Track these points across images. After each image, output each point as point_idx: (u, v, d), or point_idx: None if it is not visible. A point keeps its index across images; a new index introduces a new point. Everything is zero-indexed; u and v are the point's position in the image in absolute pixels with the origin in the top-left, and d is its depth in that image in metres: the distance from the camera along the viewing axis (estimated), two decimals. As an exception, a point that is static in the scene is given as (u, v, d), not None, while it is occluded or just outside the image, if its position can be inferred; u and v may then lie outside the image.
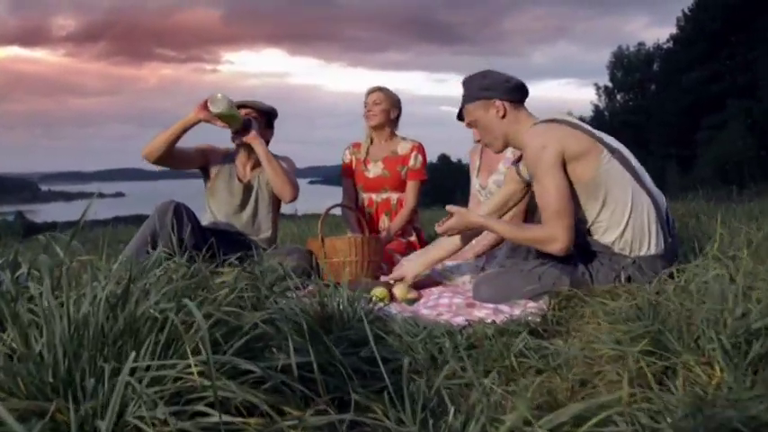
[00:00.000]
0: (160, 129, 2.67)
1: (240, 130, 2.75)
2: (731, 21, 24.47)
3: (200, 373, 0.85)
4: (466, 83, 2.16)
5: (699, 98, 24.59)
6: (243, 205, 2.88)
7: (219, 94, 2.59)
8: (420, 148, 3.25)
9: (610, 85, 36.74)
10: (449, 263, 2.67)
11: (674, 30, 31.11)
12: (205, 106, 2.60)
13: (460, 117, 2.23)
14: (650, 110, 29.50)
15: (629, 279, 1.96)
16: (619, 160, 1.97)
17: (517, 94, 2.10)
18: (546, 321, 1.78)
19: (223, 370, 0.91)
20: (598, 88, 37.83)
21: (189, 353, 0.87)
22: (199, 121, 2.63)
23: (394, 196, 3.27)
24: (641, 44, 36.32)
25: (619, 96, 36.58)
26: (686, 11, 29.69)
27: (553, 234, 1.92)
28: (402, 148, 3.26)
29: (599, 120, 33.78)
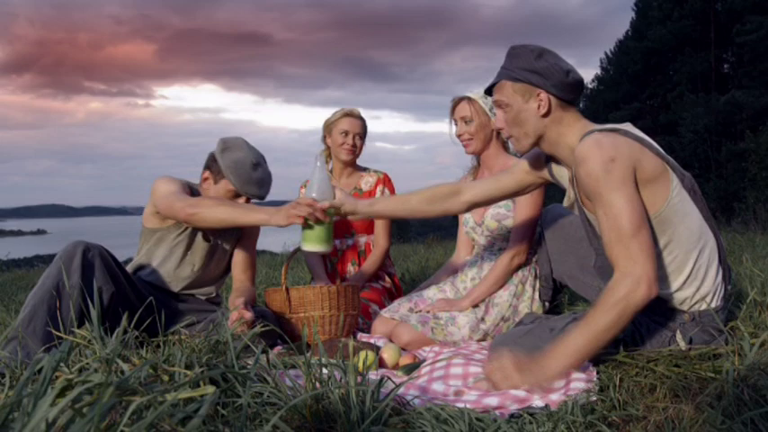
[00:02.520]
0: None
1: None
2: (650, 64, 26.00)
3: None
4: (512, 54, 1.64)
5: (624, 135, 25.76)
6: (203, 268, 2.21)
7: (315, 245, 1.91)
8: (386, 181, 2.79)
9: (539, 122, 38.05)
10: (441, 314, 2.21)
11: (598, 71, 32.77)
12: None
13: (489, 91, 1.73)
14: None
15: (690, 341, 1.55)
16: (688, 190, 1.56)
17: (571, 93, 1.63)
18: (609, 400, 1.34)
19: None
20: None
21: None
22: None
23: (362, 240, 2.79)
24: (567, 84, 38.18)
25: (548, 133, 37.92)
26: (608, 53, 31.45)
27: (631, 271, 1.41)
28: (366, 183, 2.78)
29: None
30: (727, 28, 23.04)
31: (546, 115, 1.62)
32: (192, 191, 2.19)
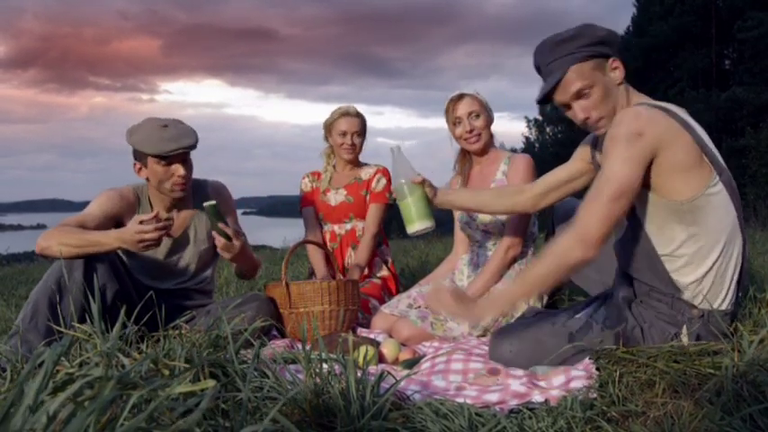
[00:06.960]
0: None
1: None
2: (651, 60, 25.92)
3: None
4: (558, 44, 1.55)
5: (625, 131, 25.77)
6: (173, 267, 2.14)
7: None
8: (385, 172, 2.87)
9: (540, 118, 38.04)
10: (440, 310, 2.21)
11: (598, 67, 32.64)
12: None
13: (544, 100, 1.61)
14: (579, 142, 30.57)
15: (697, 338, 1.55)
16: (726, 186, 1.54)
17: (620, 52, 1.58)
18: (609, 396, 1.35)
19: None
20: (529, 121, 39.12)
21: None
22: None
23: (359, 225, 2.84)
24: (568, 80, 38.13)
25: (548, 129, 37.90)
26: (609, 50, 31.33)
27: (584, 232, 1.44)
28: (366, 173, 2.86)
29: (530, 151, 34.81)
30: (728, 24, 22.99)
31: (622, 82, 1.59)
32: (138, 196, 2.12)
